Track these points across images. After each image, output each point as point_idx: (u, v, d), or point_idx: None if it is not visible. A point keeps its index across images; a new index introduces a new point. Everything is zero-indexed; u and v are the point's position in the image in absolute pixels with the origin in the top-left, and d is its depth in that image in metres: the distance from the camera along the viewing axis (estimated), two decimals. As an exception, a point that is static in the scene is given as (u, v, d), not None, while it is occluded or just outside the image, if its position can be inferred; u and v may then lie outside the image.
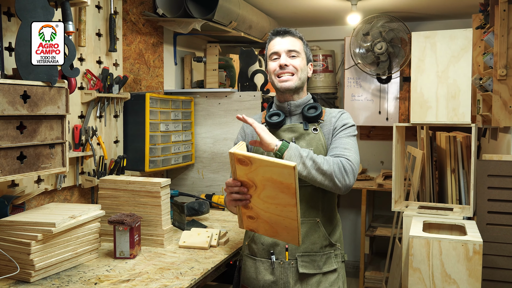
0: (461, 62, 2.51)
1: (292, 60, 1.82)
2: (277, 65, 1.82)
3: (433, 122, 2.57)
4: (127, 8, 2.73)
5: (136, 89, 2.85)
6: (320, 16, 4.20)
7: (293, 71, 1.82)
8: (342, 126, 1.81)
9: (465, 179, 3.15)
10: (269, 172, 1.45)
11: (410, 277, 2.24)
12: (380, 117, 4.43)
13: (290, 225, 1.53)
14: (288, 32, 1.86)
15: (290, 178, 1.41)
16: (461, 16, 4.17)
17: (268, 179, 1.47)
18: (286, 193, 1.45)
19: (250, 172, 1.49)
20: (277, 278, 1.78)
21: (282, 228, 1.56)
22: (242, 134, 1.95)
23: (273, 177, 1.45)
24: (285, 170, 1.40)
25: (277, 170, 1.42)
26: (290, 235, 1.56)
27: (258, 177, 1.49)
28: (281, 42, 1.84)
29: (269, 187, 1.48)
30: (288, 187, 1.43)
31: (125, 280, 1.73)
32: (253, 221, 1.62)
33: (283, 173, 1.41)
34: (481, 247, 2.12)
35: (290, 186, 1.42)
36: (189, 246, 2.13)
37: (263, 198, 1.52)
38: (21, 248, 1.71)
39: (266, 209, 1.55)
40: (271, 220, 1.57)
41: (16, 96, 1.63)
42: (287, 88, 1.81)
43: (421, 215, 2.57)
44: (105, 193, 2.21)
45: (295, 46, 1.84)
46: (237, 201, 1.58)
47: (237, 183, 1.55)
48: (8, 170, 1.63)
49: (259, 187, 1.51)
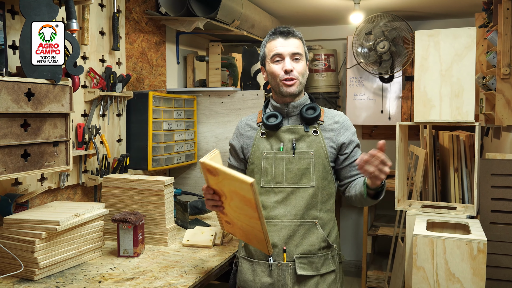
0: (464, 61, 2.50)
1: (295, 63, 1.79)
2: (281, 69, 1.78)
3: (436, 121, 2.57)
4: (130, 6, 2.73)
5: (139, 88, 2.84)
6: (323, 15, 4.19)
7: (296, 76, 1.79)
8: (353, 135, 1.85)
9: (468, 178, 3.15)
10: (233, 185, 1.48)
11: (414, 275, 2.24)
12: (382, 116, 4.43)
13: (258, 236, 1.56)
14: (292, 33, 1.81)
15: (249, 193, 1.43)
16: (464, 15, 4.16)
17: (233, 191, 1.50)
18: (249, 206, 1.47)
19: (219, 182, 1.53)
20: (275, 280, 1.76)
21: (253, 236, 1.61)
22: (237, 134, 1.93)
23: (236, 190, 1.48)
24: (244, 185, 1.42)
25: (238, 184, 1.45)
26: (260, 244, 1.61)
27: (225, 188, 1.53)
28: (284, 44, 1.79)
29: (235, 199, 1.52)
30: (250, 201, 1.45)
31: (129, 278, 1.73)
32: (230, 226, 1.68)
33: (243, 187, 1.44)
34: (486, 245, 2.11)
35: (251, 200, 1.44)
36: (193, 245, 2.13)
37: (233, 207, 1.57)
38: (25, 246, 1.71)
39: (237, 218, 1.60)
40: (243, 228, 1.62)
41: (20, 93, 1.63)
42: (291, 94, 1.80)
43: (424, 214, 2.56)
44: (108, 191, 2.21)
45: (298, 49, 1.80)
46: (213, 207, 1.64)
47: (210, 191, 1.60)
48: (12, 168, 1.62)
49: (228, 197, 1.55)
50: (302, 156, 1.76)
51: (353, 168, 1.82)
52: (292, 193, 1.75)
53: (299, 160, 1.76)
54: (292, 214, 1.75)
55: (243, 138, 1.89)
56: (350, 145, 1.83)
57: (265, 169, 1.79)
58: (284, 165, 1.76)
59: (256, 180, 1.81)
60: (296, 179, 1.75)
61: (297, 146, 1.78)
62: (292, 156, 1.76)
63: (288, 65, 1.77)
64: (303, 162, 1.75)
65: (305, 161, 1.75)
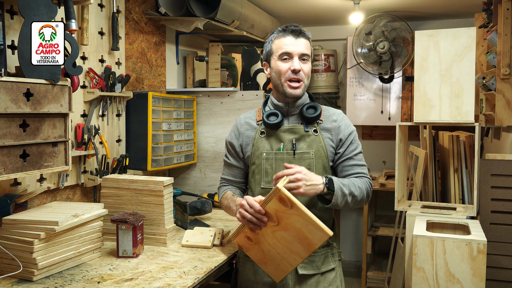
0: (464, 61, 2.50)
1: (303, 64, 1.77)
2: (288, 68, 1.76)
3: (436, 121, 2.57)
4: (129, 6, 2.73)
5: (139, 88, 2.84)
6: (323, 15, 4.19)
7: (303, 78, 1.77)
8: (349, 135, 1.82)
9: (468, 178, 3.15)
10: (303, 224, 1.45)
11: (413, 276, 2.24)
12: (382, 116, 4.43)
13: (284, 267, 1.55)
14: (302, 33, 1.79)
15: (319, 241, 1.43)
16: (464, 15, 4.16)
17: (296, 228, 1.47)
18: (304, 247, 1.47)
19: (283, 212, 1.48)
20: None
21: (274, 264, 1.58)
22: (236, 133, 1.92)
23: (302, 229, 1.46)
24: (320, 233, 1.42)
25: (312, 228, 1.43)
26: (277, 272, 1.59)
27: (287, 220, 1.48)
28: (295, 43, 1.77)
29: (291, 233, 1.49)
30: (309, 244, 1.46)
31: (128, 279, 1.72)
32: (249, 243, 1.62)
33: (316, 233, 1.43)
34: (485, 246, 2.11)
35: (313, 245, 1.45)
36: (192, 245, 2.12)
37: (277, 236, 1.53)
38: (24, 247, 1.70)
39: (272, 244, 1.56)
40: (269, 253, 1.58)
41: (19, 94, 1.63)
42: (297, 95, 1.78)
43: (424, 215, 2.56)
44: (107, 192, 2.20)
45: (307, 50, 1.79)
46: (248, 223, 1.56)
47: (262, 211, 1.52)
48: (11, 168, 1.62)
49: (281, 227, 1.50)
50: (302, 156, 1.75)
51: (346, 167, 1.81)
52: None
53: (299, 160, 1.75)
54: None
55: (242, 137, 1.88)
56: (345, 144, 1.81)
57: (265, 169, 1.79)
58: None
59: (257, 181, 1.81)
60: None
61: (298, 147, 1.77)
62: (292, 157, 1.76)
63: (297, 65, 1.75)
64: (304, 163, 1.75)
65: (306, 162, 1.75)
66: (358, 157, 1.83)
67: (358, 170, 1.80)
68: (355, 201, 1.73)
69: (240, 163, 1.91)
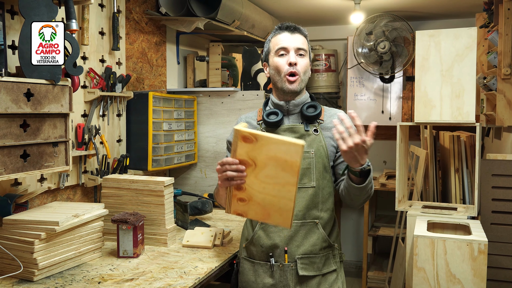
0: (465, 61, 2.49)
1: (300, 58, 1.78)
2: (285, 63, 1.77)
3: (437, 121, 2.56)
4: (130, 6, 2.72)
5: (139, 88, 2.84)
6: (323, 15, 4.19)
7: (299, 72, 1.77)
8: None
9: (469, 178, 3.14)
10: (275, 150, 1.44)
11: (414, 276, 2.23)
12: (383, 116, 4.42)
13: (285, 207, 1.51)
14: (298, 29, 1.81)
15: (297, 156, 1.41)
16: (465, 15, 4.15)
17: (272, 157, 1.46)
18: (289, 171, 1.45)
19: (253, 150, 1.47)
20: (277, 281, 1.76)
21: (275, 210, 1.53)
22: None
23: (277, 155, 1.44)
24: (293, 147, 1.41)
25: (284, 148, 1.42)
26: (282, 217, 1.53)
27: (260, 155, 1.47)
28: (290, 38, 1.79)
29: (270, 166, 1.47)
30: (292, 166, 1.43)
31: (129, 279, 1.72)
32: (244, 204, 1.56)
33: (290, 151, 1.42)
34: (486, 246, 2.11)
35: (295, 164, 1.43)
36: (193, 245, 2.12)
37: (261, 177, 1.51)
38: (24, 247, 1.70)
39: (262, 190, 1.52)
40: (264, 202, 1.54)
41: (19, 94, 1.62)
42: (293, 91, 1.78)
43: (425, 215, 2.56)
44: (108, 192, 2.20)
45: (303, 45, 1.80)
46: (231, 181, 1.51)
47: (235, 161, 1.49)
48: (12, 169, 1.62)
49: (259, 165, 1.49)
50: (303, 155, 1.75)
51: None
52: None
53: None
54: (294, 215, 1.74)
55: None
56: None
57: None
58: None
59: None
60: None
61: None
62: None
63: (293, 58, 1.76)
64: (304, 162, 1.74)
65: (306, 161, 1.75)
66: None
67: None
68: (369, 195, 1.72)
69: None
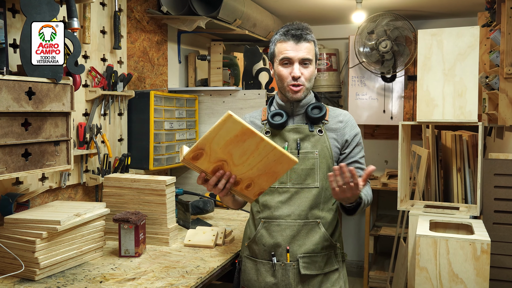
0: (468, 60, 2.49)
1: (304, 69, 1.75)
2: (289, 74, 1.74)
3: (439, 121, 2.55)
4: (131, 5, 2.72)
5: (140, 87, 2.83)
6: (325, 14, 4.18)
7: (303, 83, 1.75)
8: (354, 137, 1.82)
9: (471, 178, 3.13)
10: (221, 136, 1.47)
11: (416, 276, 2.23)
12: (384, 116, 4.41)
13: (276, 157, 1.52)
14: (304, 37, 1.74)
15: (237, 124, 1.44)
16: (467, 14, 4.14)
17: (227, 142, 1.48)
18: (248, 137, 1.47)
19: (210, 155, 1.50)
20: (279, 280, 1.76)
21: (274, 165, 1.55)
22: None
23: (228, 137, 1.47)
24: (228, 122, 1.44)
25: (225, 128, 1.45)
26: (283, 163, 1.54)
27: (219, 151, 1.50)
28: (295, 48, 1.73)
29: (234, 148, 1.50)
30: (243, 132, 1.46)
31: (131, 279, 1.72)
32: (253, 186, 1.60)
33: (229, 126, 1.45)
34: (489, 246, 2.10)
35: (243, 129, 1.45)
36: (195, 245, 2.11)
37: (239, 161, 1.53)
38: (26, 246, 1.70)
39: (250, 167, 1.55)
40: (262, 170, 1.56)
41: (21, 92, 1.62)
42: (297, 99, 1.78)
43: (427, 214, 2.55)
44: (109, 191, 2.20)
45: (309, 54, 1.74)
46: (226, 187, 1.56)
47: (211, 176, 1.54)
48: (13, 167, 1.62)
49: (228, 157, 1.52)
50: (307, 156, 1.74)
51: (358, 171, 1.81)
52: (296, 193, 1.74)
53: (303, 160, 1.74)
54: (296, 214, 1.74)
55: None
56: (351, 145, 1.81)
57: None
58: None
59: None
60: (301, 179, 1.74)
61: (302, 146, 1.76)
62: (296, 156, 1.75)
63: (297, 72, 1.73)
64: (308, 163, 1.74)
65: (310, 161, 1.74)
66: (362, 160, 1.83)
67: (361, 174, 1.79)
68: (364, 207, 1.76)
69: None
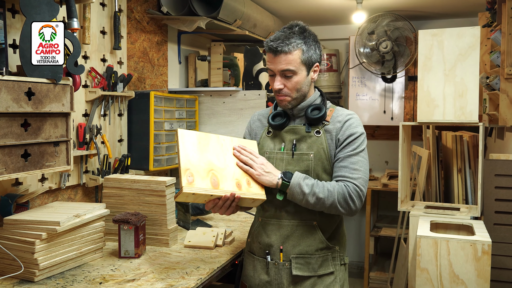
0: (468, 60, 2.48)
1: (286, 80, 1.71)
2: (273, 83, 1.75)
3: (440, 121, 2.55)
4: (131, 6, 2.71)
5: (140, 88, 2.83)
6: (325, 14, 4.17)
7: (287, 93, 1.72)
8: (348, 137, 1.72)
9: (472, 178, 3.13)
10: (191, 151, 1.62)
11: (417, 277, 2.22)
12: (385, 116, 4.41)
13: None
14: (280, 50, 1.67)
15: (190, 134, 1.65)
16: (467, 15, 4.14)
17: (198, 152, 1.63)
18: (206, 140, 1.69)
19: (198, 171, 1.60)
20: (272, 279, 1.75)
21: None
22: (249, 129, 1.93)
23: (194, 148, 1.63)
24: (184, 137, 1.61)
25: (187, 144, 1.62)
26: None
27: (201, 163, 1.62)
28: (273, 61, 1.70)
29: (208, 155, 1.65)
30: (200, 138, 1.67)
31: (130, 280, 1.71)
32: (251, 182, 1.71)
33: (188, 140, 1.63)
34: (490, 247, 2.10)
35: (198, 136, 1.67)
36: (195, 246, 2.11)
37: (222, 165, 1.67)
38: (25, 247, 1.69)
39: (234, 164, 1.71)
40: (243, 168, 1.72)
41: (20, 93, 1.61)
42: (284, 107, 1.78)
43: (428, 215, 2.54)
44: (109, 192, 2.19)
45: (288, 65, 1.68)
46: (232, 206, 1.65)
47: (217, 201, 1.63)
48: (12, 168, 1.61)
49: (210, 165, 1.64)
50: (301, 158, 1.72)
51: (336, 168, 1.72)
52: None
53: (298, 161, 1.72)
54: (291, 214, 1.73)
55: (252, 133, 1.90)
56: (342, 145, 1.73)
57: None
58: (284, 166, 1.74)
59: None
60: None
61: (298, 147, 1.75)
62: (291, 157, 1.74)
63: (276, 85, 1.71)
64: (302, 164, 1.72)
65: (304, 163, 1.72)
66: (352, 159, 1.70)
67: (342, 173, 1.69)
68: (322, 203, 1.65)
69: None
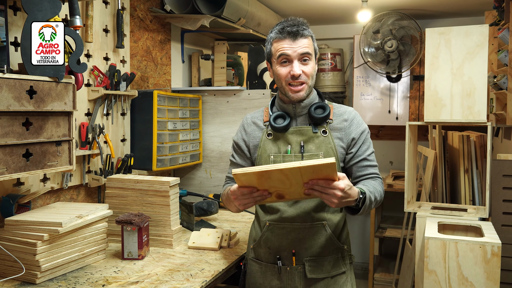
0: (476, 59, 2.44)
1: (304, 66, 1.68)
2: (288, 73, 1.67)
3: (447, 121, 2.51)
4: (134, 4, 2.68)
5: (144, 87, 2.80)
6: (330, 13, 4.14)
7: (305, 80, 1.69)
8: (361, 134, 1.76)
9: (479, 179, 3.09)
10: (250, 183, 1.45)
11: (425, 279, 2.18)
12: (389, 116, 4.37)
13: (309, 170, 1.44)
14: (301, 33, 1.66)
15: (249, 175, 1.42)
16: (473, 13, 4.10)
17: (259, 185, 1.46)
18: (267, 176, 1.42)
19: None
20: (285, 284, 1.73)
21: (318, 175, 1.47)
22: (243, 132, 1.86)
23: (254, 184, 1.45)
24: (241, 177, 1.42)
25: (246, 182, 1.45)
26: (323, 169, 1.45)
27: (265, 186, 1.47)
28: (293, 45, 1.66)
29: (271, 183, 1.46)
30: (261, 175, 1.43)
31: (134, 282, 1.68)
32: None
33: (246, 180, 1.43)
34: (500, 249, 2.06)
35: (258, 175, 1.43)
36: (199, 247, 2.08)
37: (288, 187, 1.48)
38: (27, 249, 1.66)
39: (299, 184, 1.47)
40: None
41: (22, 91, 1.58)
42: (299, 99, 1.72)
43: (435, 216, 2.51)
44: (112, 192, 2.16)
45: (308, 48, 1.67)
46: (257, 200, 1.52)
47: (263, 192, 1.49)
48: (14, 168, 1.58)
49: (275, 189, 1.48)
50: (311, 159, 1.70)
51: (360, 168, 1.75)
52: None
53: None
54: (301, 217, 1.70)
55: (249, 137, 1.83)
56: (357, 143, 1.75)
57: None
58: None
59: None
60: None
61: (306, 149, 1.72)
62: (300, 159, 1.70)
63: (296, 70, 1.66)
64: None
65: None
66: (371, 157, 1.77)
67: (372, 171, 1.76)
68: (375, 205, 1.69)
69: (247, 162, 1.86)
